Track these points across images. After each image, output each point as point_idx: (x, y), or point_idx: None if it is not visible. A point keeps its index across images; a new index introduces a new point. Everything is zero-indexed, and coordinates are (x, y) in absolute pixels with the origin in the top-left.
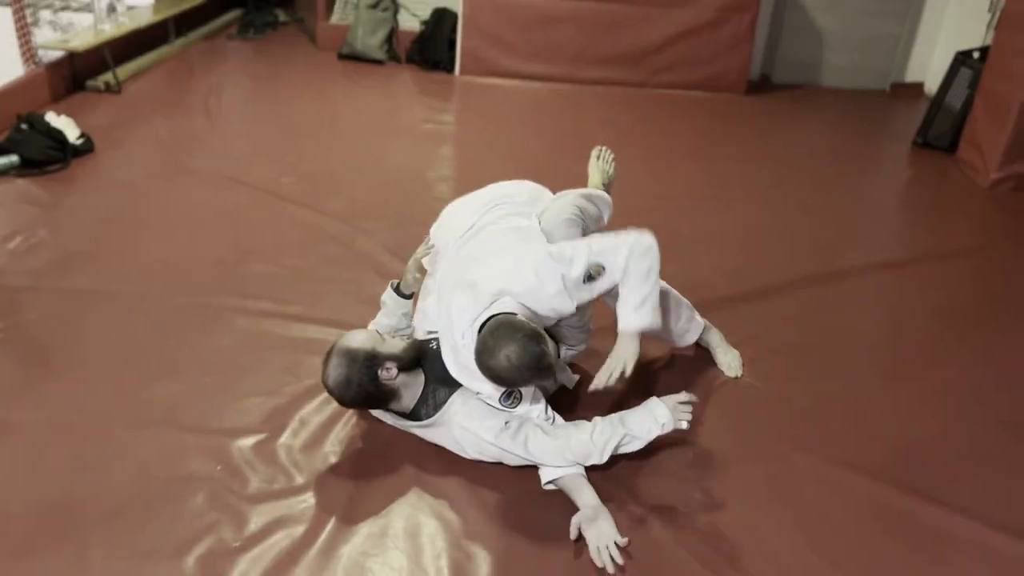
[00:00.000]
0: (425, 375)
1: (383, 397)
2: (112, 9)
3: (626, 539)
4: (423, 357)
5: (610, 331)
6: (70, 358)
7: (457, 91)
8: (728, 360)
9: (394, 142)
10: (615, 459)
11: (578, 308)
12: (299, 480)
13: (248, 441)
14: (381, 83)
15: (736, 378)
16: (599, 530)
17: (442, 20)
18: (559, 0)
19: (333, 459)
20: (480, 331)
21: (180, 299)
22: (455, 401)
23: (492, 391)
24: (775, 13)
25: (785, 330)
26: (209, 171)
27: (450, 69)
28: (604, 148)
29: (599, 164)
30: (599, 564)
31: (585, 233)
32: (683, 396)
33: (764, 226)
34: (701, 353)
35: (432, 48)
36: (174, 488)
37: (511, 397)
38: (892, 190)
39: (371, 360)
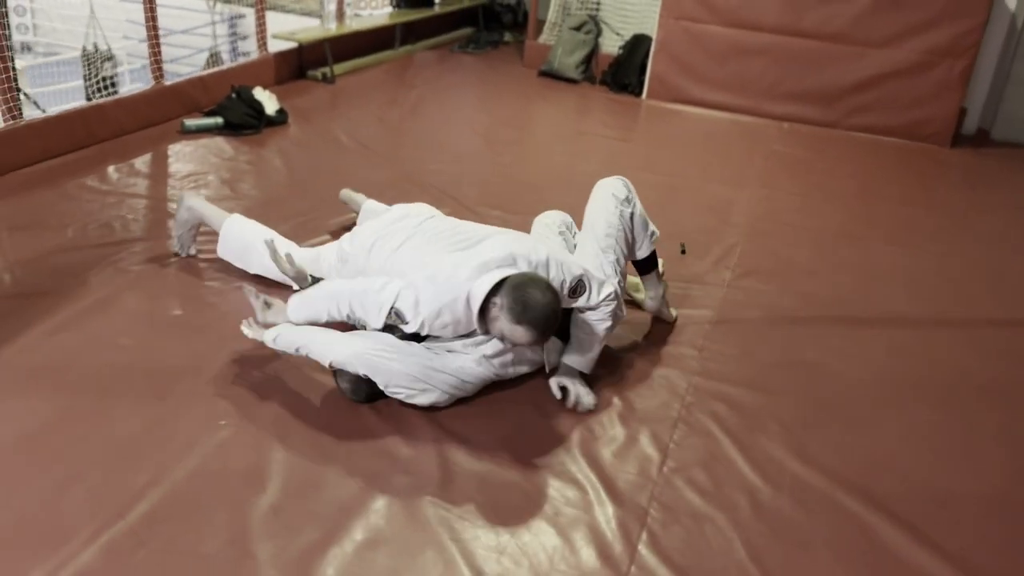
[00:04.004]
0: None
1: None
2: (341, 13)
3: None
4: None
5: None
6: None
7: (636, 113)
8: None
9: (549, 149)
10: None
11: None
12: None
13: None
14: (567, 99)
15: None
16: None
17: (638, 45)
18: (756, 32)
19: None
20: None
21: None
22: None
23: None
24: (1000, 63)
25: (847, 360)
26: (372, 151)
27: (638, 92)
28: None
29: None
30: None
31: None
32: None
33: (895, 267)
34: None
35: (624, 71)
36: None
37: None
38: None
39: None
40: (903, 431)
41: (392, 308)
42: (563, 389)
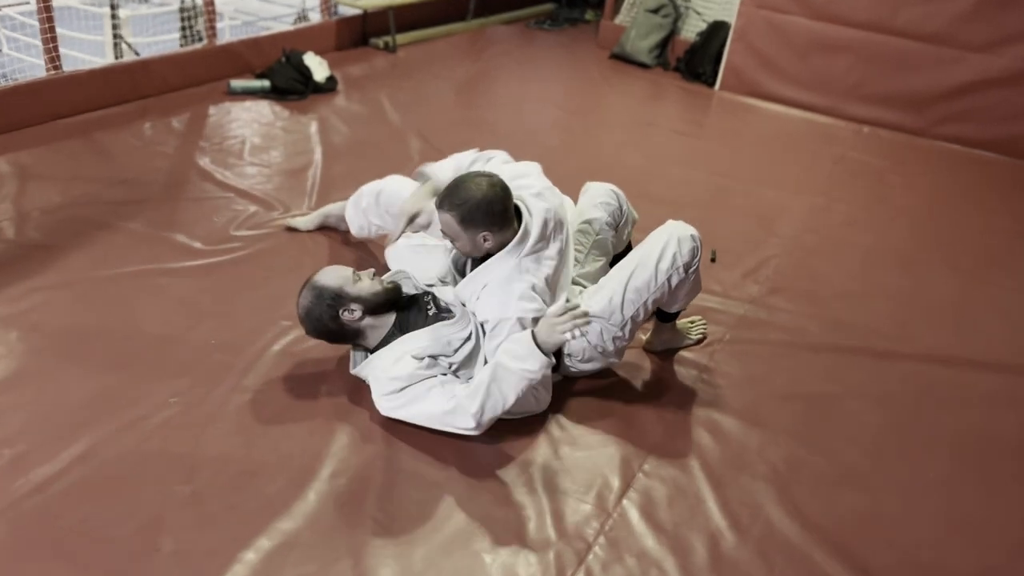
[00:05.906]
0: (397, 323)
1: (345, 335)
2: None
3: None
4: (398, 304)
5: None
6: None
7: (705, 105)
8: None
9: (600, 136)
10: None
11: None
12: None
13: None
14: (635, 85)
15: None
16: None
17: (716, 32)
18: (843, 27)
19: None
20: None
21: (271, 195)
22: (382, 355)
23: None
24: None
25: (862, 399)
26: (413, 126)
27: (711, 83)
28: None
29: None
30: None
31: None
32: (557, 310)
33: (949, 299)
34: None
35: (699, 59)
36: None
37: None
38: None
39: (335, 300)
40: (907, 488)
41: None
42: None
